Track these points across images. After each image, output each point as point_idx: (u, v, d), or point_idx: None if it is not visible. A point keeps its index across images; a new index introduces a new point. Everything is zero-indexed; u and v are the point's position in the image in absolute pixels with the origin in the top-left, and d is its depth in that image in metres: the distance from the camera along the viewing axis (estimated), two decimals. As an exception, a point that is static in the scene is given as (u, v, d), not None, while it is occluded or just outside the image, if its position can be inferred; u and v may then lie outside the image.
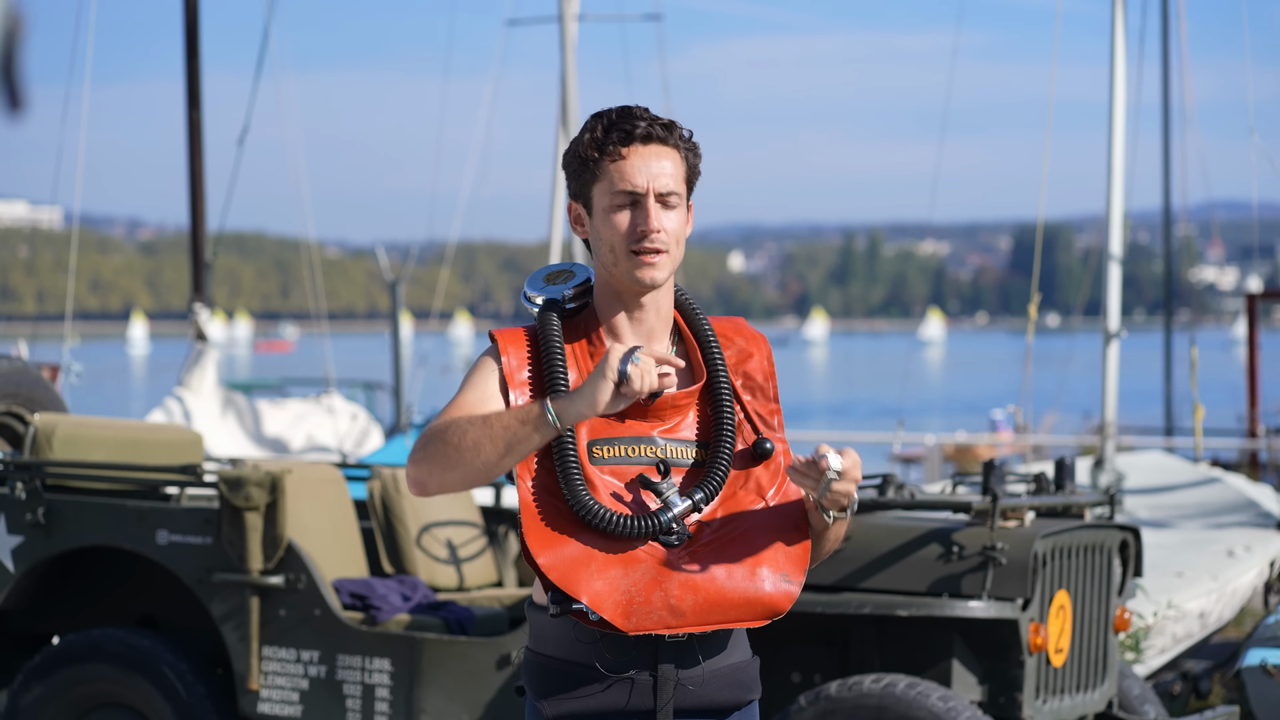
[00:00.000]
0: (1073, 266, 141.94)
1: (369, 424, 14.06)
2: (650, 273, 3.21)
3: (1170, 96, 21.12)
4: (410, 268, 19.38)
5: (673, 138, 3.24)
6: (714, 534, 3.20)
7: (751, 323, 3.48)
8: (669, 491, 3.18)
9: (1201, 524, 10.66)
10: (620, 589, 3.13)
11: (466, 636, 6.57)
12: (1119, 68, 12.56)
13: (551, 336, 3.24)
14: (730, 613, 3.16)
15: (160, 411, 12.64)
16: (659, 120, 3.24)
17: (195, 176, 13.44)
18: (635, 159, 3.21)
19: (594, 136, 3.22)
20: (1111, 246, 12.55)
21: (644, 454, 3.22)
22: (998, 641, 6.01)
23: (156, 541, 6.72)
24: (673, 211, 3.23)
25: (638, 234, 3.20)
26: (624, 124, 3.22)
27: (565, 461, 3.17)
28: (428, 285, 42.12)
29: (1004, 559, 5.89)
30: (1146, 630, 8.34)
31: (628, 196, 3.21)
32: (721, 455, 3.22)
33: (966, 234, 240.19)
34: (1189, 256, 26.75)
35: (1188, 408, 18.40)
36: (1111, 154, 12.47)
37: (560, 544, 3.15)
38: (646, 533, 3.14)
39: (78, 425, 7.14)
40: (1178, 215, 22.05)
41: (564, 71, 15.45)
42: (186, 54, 13.48)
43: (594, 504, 3.14)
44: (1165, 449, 16.26)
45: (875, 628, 6.13)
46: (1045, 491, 6.52)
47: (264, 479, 6.55)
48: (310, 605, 6.60)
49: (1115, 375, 12.41)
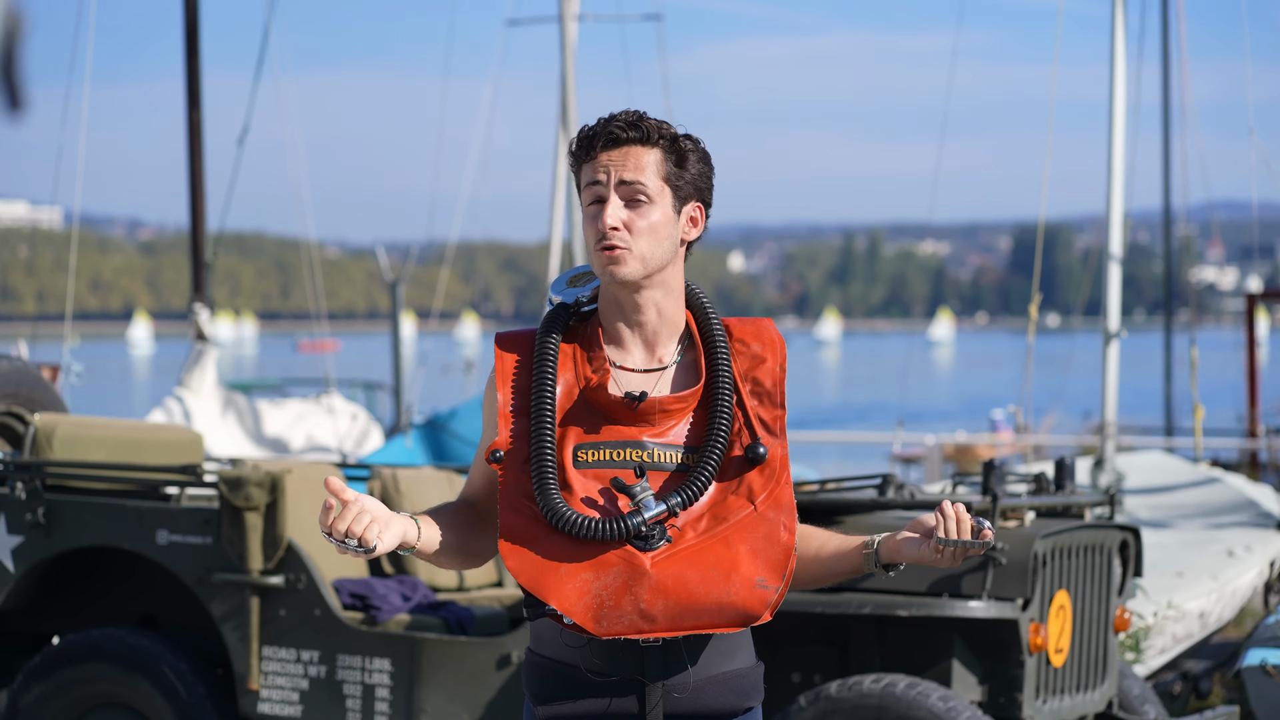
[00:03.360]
0: (1073, 266, 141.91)
1: (369, 424, 14.06)
2: (612, 268, 3.21)
3: (1170, 96, 21.13)
4: (410, 268, 19.38)
5: (650, 138, 3.23)
6: (696, 538, 3.18)
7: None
8: (643, 495, 3.15)
9: (1201, 524, 10.66)
10: (590, 593, 3.12)
11: (466, 637, 6.57)
12: (1119, 67, 12.56)
13: (547, 344, 3.26)
14: (703, 618, 3.14)
15: (160, 411, 12.64)
16: (644, 121, 3.24)
17: (195, 176, 13.43)
18: (603, 159, 3.23)
19: (575, 141, 3.27)
20: (1112, 246, 12.55)
21: (629, 458, 3.21)
22: (998, 641, 6.01)
23: (156, 541, 6.72)
24: (643, 208, 3.22)
25: (597, 233, 3.22)
26: (595, 128, 3.25)
27: (541, 464, 3.17)
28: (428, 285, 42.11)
29: (1004, 559, 5.89)
30: (1146, 630, 8.34)
31: (594, 194, 3.24)
32: (707, 462, 3.20)
33: (967, 234, 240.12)
34: (1189, 256, 26.73)
35: (1188, 408, 18.40)
36: (1111, 154, 12.47)
37: (531, 547, 3.15)
38: (614, 536, 3.13)
39: (78, 425, 7.14)
40: (1178, 215, 22.04)
41: (564, 72, 15.45)
42: (186, 54, 13.48)
43: (562, 507, 3.13)
44: (1165, 449, 16.26)
45: (875, 628, 6.13)
46: (1045, 491, 6.52)
47: (264, 479, 6.55)
48: (310, 605, 6.60)
49: (1115, 375, 12.41)
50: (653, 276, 3.24)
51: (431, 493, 7.31)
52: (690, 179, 3.27)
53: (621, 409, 3.22)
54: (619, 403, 3.22)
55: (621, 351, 3.29)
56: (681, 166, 3.26)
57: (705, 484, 3.19)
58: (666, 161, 3.25)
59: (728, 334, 3.33)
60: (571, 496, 3.17)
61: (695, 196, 3.29)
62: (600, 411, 3.24)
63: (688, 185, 3.27)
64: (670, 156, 3.25)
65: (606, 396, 3.22)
